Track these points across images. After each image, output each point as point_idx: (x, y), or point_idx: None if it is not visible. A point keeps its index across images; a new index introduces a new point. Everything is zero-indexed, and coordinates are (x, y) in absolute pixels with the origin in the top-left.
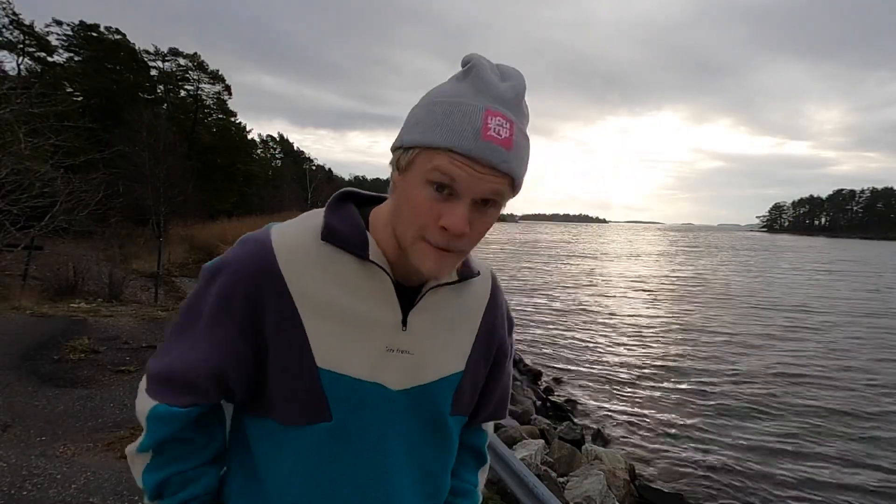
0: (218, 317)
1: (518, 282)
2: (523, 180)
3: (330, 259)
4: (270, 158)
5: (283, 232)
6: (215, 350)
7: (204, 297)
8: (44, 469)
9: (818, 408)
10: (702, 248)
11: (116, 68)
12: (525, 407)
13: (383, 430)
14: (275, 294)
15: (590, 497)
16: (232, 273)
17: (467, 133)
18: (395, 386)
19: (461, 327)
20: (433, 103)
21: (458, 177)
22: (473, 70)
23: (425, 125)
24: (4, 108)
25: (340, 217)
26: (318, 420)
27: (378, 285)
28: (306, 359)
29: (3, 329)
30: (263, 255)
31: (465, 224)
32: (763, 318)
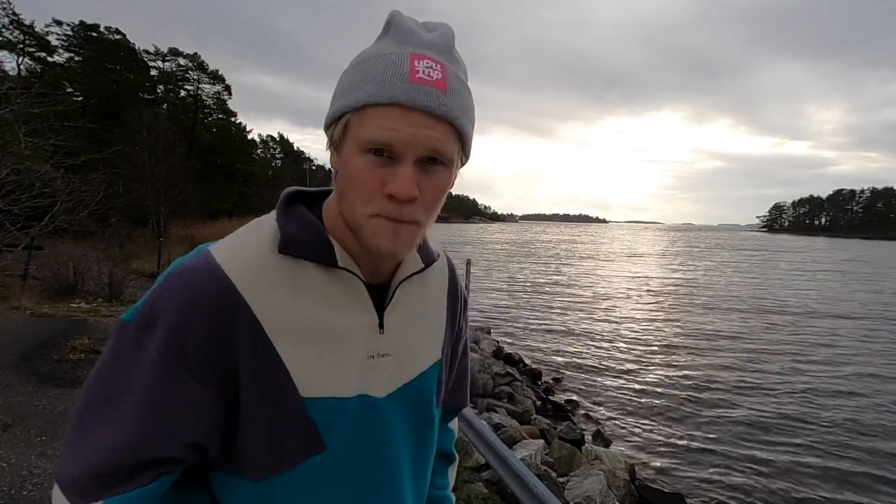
0: (169, 372)
1: (518, 282)
2: (471, 136)
3: (294, 273)
4: (270, 158)
5: (227, 251)
6: (175, 414)
7: (135, 357)
8: (44, 469)
9: (820, 409)
10: (702, 249)
11: (116, 68)
12: (525, 407)
13: (381, 443)
14: (243, 327)
15: (590, 497)
16: (179, 313)
17: (394, 80)
18: (382, 392)
19: (432, 315)
20: (355, 65)
21: (393, 132)
22: (393, 23)
23: (350, 87)
24: (4, 108)
25: (296, 223)
26: (310, 454)
27: (350, 292)
28: (289, 393)
29: (3, 329)
30: (216, 282)
31: (413, 186)
32: (766, 320)
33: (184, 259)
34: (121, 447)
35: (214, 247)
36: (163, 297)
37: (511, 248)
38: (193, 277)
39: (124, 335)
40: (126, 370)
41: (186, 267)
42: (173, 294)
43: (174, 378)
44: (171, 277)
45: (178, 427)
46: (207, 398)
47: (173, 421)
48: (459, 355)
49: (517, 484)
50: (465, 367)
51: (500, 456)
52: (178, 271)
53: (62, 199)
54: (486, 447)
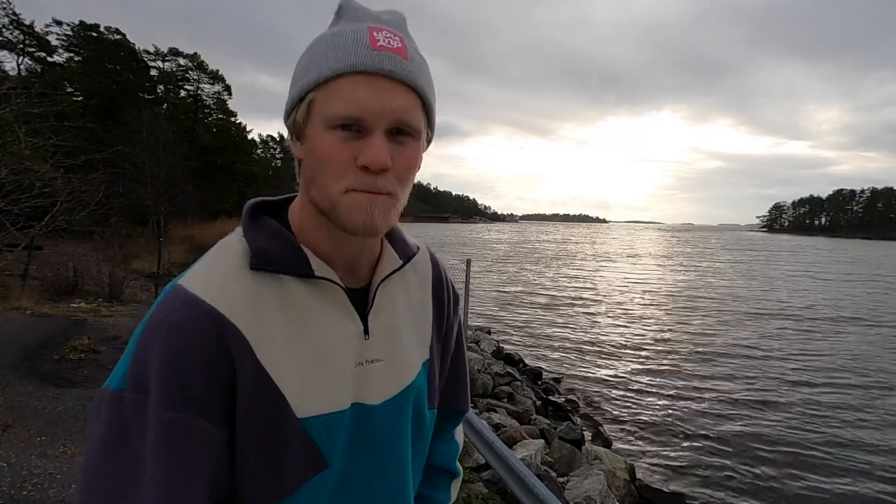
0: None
1: (518, 282)
2: (435, 108)
3: (271, 290)
4: (270, 158)
5: (199, 279)
6: (198, 471)
7: (141, 421)
8: (44, 469)
9: (822, 410)
10: (703, 249)
11: (116, 68)
12: (525, 407)
13: (382, 451)
14: (235, 350)
15: (590, 497)
16: (170, 354)
17: (356, 49)
18: (375, 400)
19: (417, 313)
20: (312, 45)
21: (360, 102)
22: (344, 5)
23: (311, 65)
24: (4, 108)
25: (265, 236)
26: (313, 473)
27: (330, 300)
28: (286, 416)
29: (3, 329)
30: (197, 310)
31: (386, 155)
32: (769, 322)
33: (156, 304)
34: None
35: (183, 280)
36: (149, 349)
37: (511, 248)
38: (176, 317)
39: (120, 403)
40: (134, 440)
41: (163, 311)
42: (159, 341)
43: (188, 430)
44: (150, 327)
45: (202, 482)
46: (219, 438)
47: (197, 478)
48: (452, 352)
49: (517, 484)
50: (461, 365)
51: (500, 456)
52: (156, 319)
53: (62, 199)
54: (486, 447)
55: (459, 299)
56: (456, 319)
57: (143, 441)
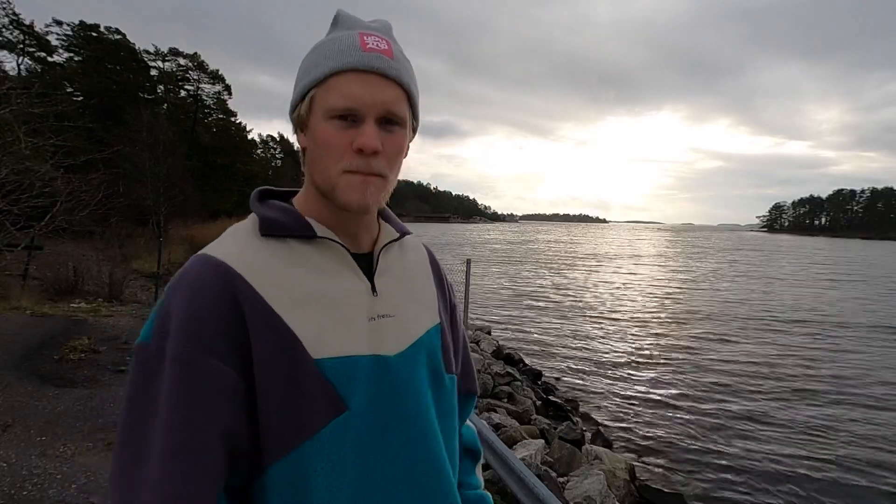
0: (194, 362)
1: (518, 282)
2: (418, 101)
3: (280, 250)
4: (270, 158)
5: (216, 246)
6: (211, 406)
7: (160, 364)
8: (44, 469)
9: (824, 410)
10: (704, 249)
11: (116, 68)
12: (525, 407)
13: (403, 399)
14: (247, 301)
15: (590, 497)
16: (188, 305)
17: (349, 51)
18: (391, 351)
19: (420, 282)
20: (312, 51)
21: (354, 95)
22: (339, 17)
23: (311, 67)
24: (4, 108)
25: (271, 209)
26: (333, 416)
27: (336, 259)
28: (301, 356)
29: (3, 329)
30: (213, 267)
31: (376, 139)
32: (772, 324)
33: (180, 269)
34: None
35: (203, 250)
36: (170, 303)
37: (510, 248)
38: (192, 275)
39: (146, 352)
40: (155, 380)
41: (184, 272)
42: (179, 294)
43: (200, 367)
44: (173, 286)
45: (214, 420)
46: (233, 380)
47: (208, 415)
48: (461, 335)
49: (517, 484)
50: (467, 350)
51: (500, 456)
52: (178, 279)
53: (62, 199)
54: (486, 447)
55: (453, 288)
56: (457, 303)
57: (162, 380)
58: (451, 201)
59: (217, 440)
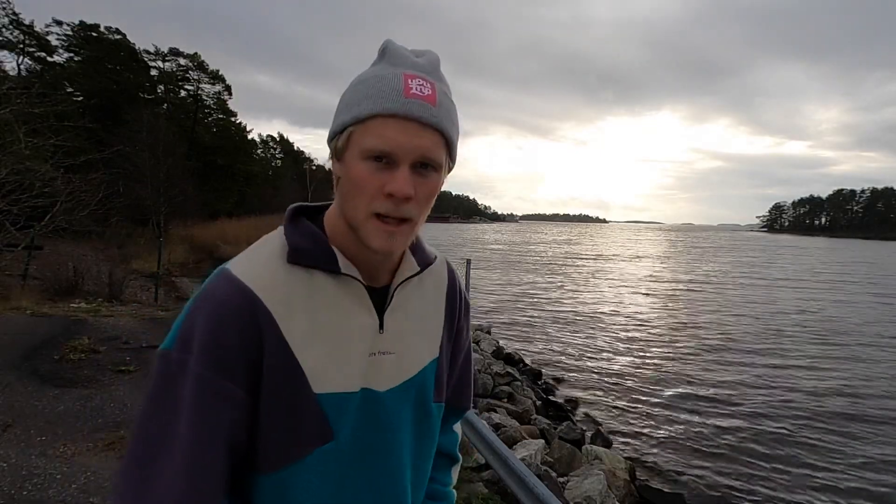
0: (211, 381)
1: (518, 283)
2: (457, 143)
3: (303, 281)
4: (271, 158)
5: (244, 266)
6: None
7: (181, 376)
8: (44, 469)
9: (825, 411)
10: (705, 250)
11: (116, 68)
12: (525, 407)
13: (384, 431)
14: (266, 329)
15: (590, 497)
16: (211, 323)
17: (391, 95)
18: (382, 387)
19: (431, 316)
20: (355, 85)
21: (391, 139)
22: (388, 50)
23: (352, 104)
24: (4, 108)
25: (301, 235)
26: (321, 443)
27: (353, 295)
28: (304, 389)
29: (3, 329)
30: (239, 292)
31: (410, 186)
32: (774, 325)
33: (206, 282)
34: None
35: (231, 264)
36: (196, 317)
37: (510, 249)
38: (219, 293)
39: (168, 361)
40: (176, 392)
41: (210, 288)
42: (204, 311)
43: (220, 390)
44: (199, 300)
45: (225, 438)
46: (243, 402)
47: (221, 434)
48: (462, 356)
49: (517, 484)
50: (468, 369)
51: (500, 456)
52: (204, 294)
53: (62, 199)
54: (486, 447)
55: (470, 306)
56: (465, 324)
57: (183, 392)
58: (452, 201)
59: (225, 457)
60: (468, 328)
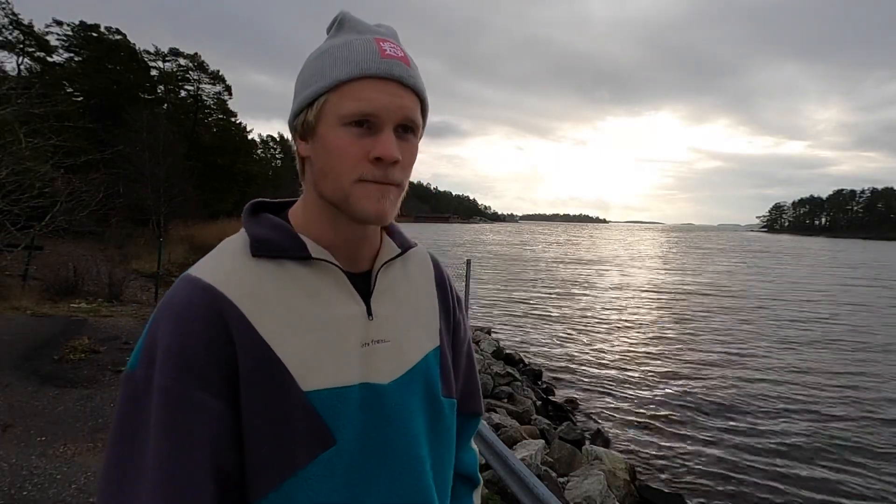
0: (181, 392)
1: (518, 283)
2: (428, 105)
3: (272, 272)
4: (271, 159)
5: (204, 266)
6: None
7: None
8: (44, 469)
9: (826, 411)
10: (707, 250)
11: (116, 68)
12: (525, 407)
13: (394, 430)
14: (236, 327)
15: (590, 497)
16: (175, 331)
17: (368, 57)
18: (384, 379)
19: (422, 302)
20: (318, 57)
21: (374, 101)
22: (346, 20)
23: (323, 72)
24: (4, 108)
25: (263, 227)
26: (321, 449)
27: (330, 281)
28: (290, 388)
29: (3, 329)
30: (201, 291)
31: (395, 148)
32: (771, 322)
33: (166, 293)
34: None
35: (192, 268)
36: (157, 329)
37: (509, 250)
38: (179, 297)
39: (132, 381)
40: (142, 412)
41: (171, 294)
42: (165, 320)
43: (188, 400)
44: (159, 310)
45: (203, 452)
46: (221, 412)
47: (197, 447)
48: (465, 355)
49: (517, 484)
50: (474, 369)
51: (501, 456)
52: (163, 303)
53: (62, 199)
54: (486, 447)
55: (462, 301)
56: (462, 318)
57: (148, 413)
58: (451, 201)
59: (205, 476)
60: (466, 324)
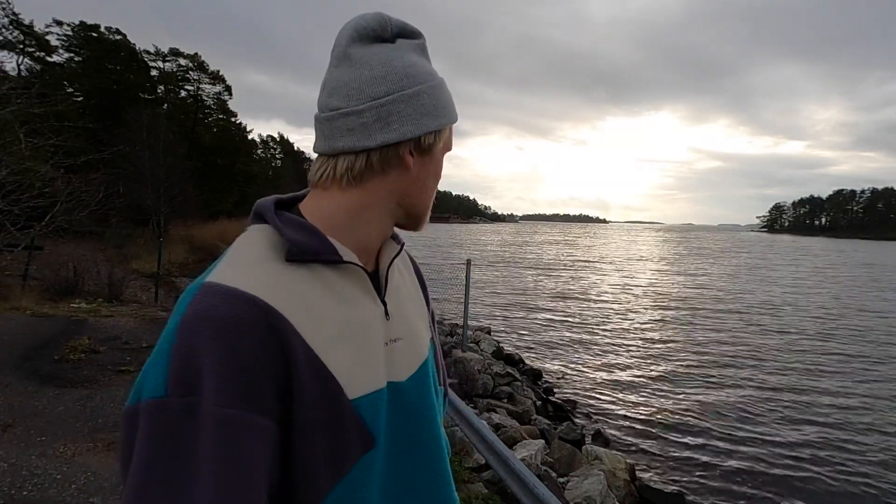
0: (239, 420)
1: (519, 283)
2: None
3: (308, 278)
4: (271, 158)
5: (235, 275)
6: (257, 461)
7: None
8: (44, 469)
9: (827, 411)
10: (708, 251)
11: (116, 68)
12: (525, 407)
13: (416, 424)
14: (287, 340)
15: (590, 497)
16: (226, 349)
17: (454, 106)
18: (403, 377)
19: (415, 296)
20: (435, 86)
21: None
22: (425, 48)
23: (449, 107)
24: (4, 108)
25: (294, 230)
26: (364, 452)
27: (357, 284)
28: (339, 398)
29: (3, 329)
30: (247, 303)
31: None
32: (771, 322)
33: (184, 308)
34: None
35: (212, 277)
36: (193, 347)
37: (509, 249)
38: (218, 312)
39: (164, 411)
40: (185, 447)
41: (201, 310)
42: (204, 336)
43: (252, 427)
44: (187, 329)
45: (263, 480)
46: (275, 434)
47: (258, 477)
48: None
49: (517, 484)
50: (439, 347)
51: (501, 456)
52: (194, 319)
53: (62, 200)
54: (486, 447)
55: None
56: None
57: (197, 446)
58: (451, 201)
59: (263, 496)
60: (432, 308)
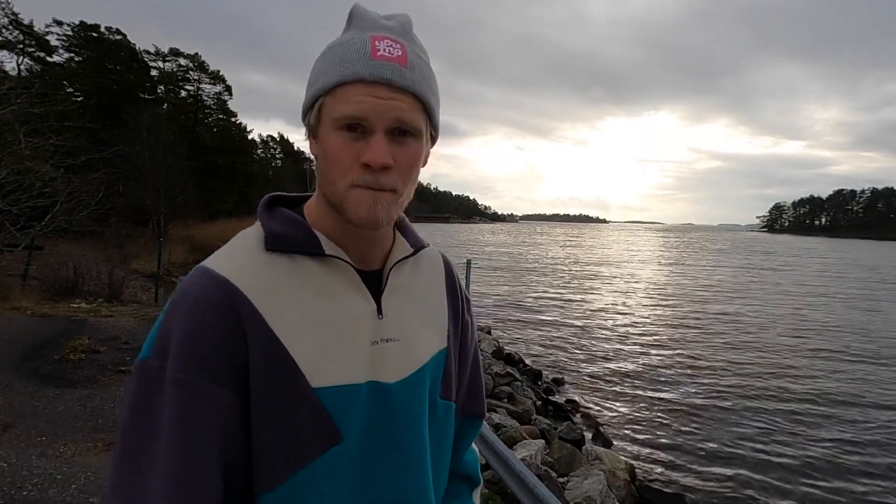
0: (193, 384)
1: (518, 283)
2: (437, 109)
3: (285, 267)
4: (271, 158)
5: (219, 259)
6: (210, 434)
7: (160, 384)
8: (44, 469)
9: (827, 412)
10: (709, 251)
11: (116, 68)
12: (525, 407)
13: (398, 429)
14: (249, 322)
15: (590, 497)
16: (189, 321)
17: (357, 58)
18: (392, 378)
19: (432, 302)
20: (323, 54)
21: (362, 105)
22: (355, 14)
23: (319, 74)
24: (4, 108)
25: (279, 221)
26: (329, 445)
27: (342, 279)
28: (300, 384)
29: (3, 329)
30: (216, 284)
31: (386, 154)
32: (771, 321)
33: (181, 283)
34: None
35: (206, 261)
36: (171, 318)
37: (508, 250)
38: (194, 290)
39: (145, 370)
40: (154, 403)
41: (185, 286)
42: (179, 311)
43: (202, 391)
44: (174, 301)
45: (213, 442)
46: (228, 402)
47: (208, 438)
48: (472, 356)
49: (517, 484)
50: (479, 370)
51: (501, 456)
52: (178, 294)
53: (62, 199)
54: (486, 447)
55: (470, 303)
56: (470, 320)
57: (161, 404)
58: (451, 201)
59: (216, 468)
60: (474, 326)
